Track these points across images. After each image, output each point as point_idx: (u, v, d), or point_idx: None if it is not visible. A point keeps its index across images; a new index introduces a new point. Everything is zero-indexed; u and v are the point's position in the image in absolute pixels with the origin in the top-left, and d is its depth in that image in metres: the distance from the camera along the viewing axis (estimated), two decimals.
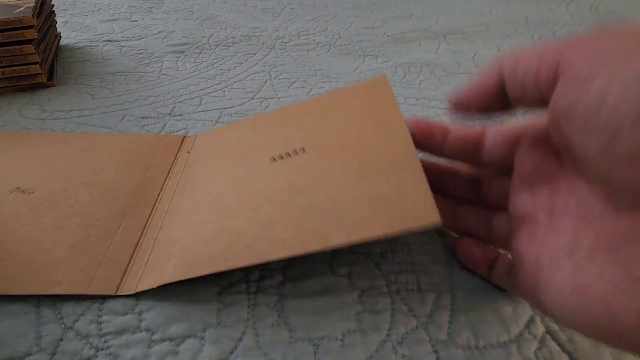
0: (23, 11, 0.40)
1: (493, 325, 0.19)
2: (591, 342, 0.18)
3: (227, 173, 0.24)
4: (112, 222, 0.23)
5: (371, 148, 0.20)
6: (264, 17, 0.59)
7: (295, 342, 0.18)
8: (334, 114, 0.24)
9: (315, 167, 0.21)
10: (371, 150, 0.20)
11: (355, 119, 0.22)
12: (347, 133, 0.22)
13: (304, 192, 0.20)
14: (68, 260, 0.21)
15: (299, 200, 0.20)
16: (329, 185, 0.20)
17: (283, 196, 0.21)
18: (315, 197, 0.20)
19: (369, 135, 0.21)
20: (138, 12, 0.60)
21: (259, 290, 0.20)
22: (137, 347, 0.18)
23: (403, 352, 0.18)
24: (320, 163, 0.21)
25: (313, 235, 0.18)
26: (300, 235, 0.18)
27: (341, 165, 0.20)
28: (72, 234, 0.22)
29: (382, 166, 0.19)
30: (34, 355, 0.18)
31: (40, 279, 0.20)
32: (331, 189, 0.19)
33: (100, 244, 0.22)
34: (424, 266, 0.21)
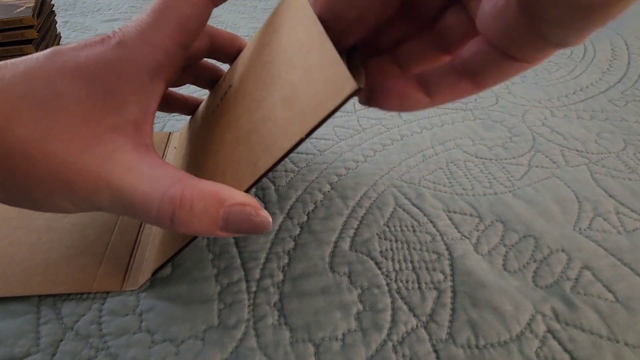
0: (23, 11, 0.40)
1: (494, 324, 0.19)
2: (592, 342, 0.18)
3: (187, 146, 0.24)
4: (108, 221, 0.23)
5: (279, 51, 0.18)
6: (264, 17, 0.59)
7: (296, 342, 0.18)
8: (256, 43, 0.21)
9: (236, 99, 0.19)
10: (280, 53, 0.17)
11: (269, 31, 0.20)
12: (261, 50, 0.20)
13: (230, 128, 0.19)
14: (68, 260, 0.21)
15: (227, 137, 0.18)
16: (245, 111, 0.18)
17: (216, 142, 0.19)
18: (238, 128, 0.18)
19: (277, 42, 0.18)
20: (138, 12, 0.60)
21: (259, 290, 0.20)
22: (137, 347, 0.18)
23: (403, 352, 0.18)
24: (240, 92, 0.19)
25: (244, 169, 0.16)
26: (235, 175, 0.17)
27: (257, 84, 0.18)
28: (68, 234, 0.22)
29: (288, 60, 0.16)
30: (34, 356, 0.18)
31: (41, 279, 0.20)
32: (247, 113, 0.18)
33: (98, 242, 0.22)
34: (425, 265, 0.21)
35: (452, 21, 0.16)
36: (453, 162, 0.28)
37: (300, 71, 0.15)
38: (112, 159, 0.15)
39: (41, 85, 0.14)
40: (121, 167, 0.15)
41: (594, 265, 0.21)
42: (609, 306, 0.19)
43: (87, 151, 0.14)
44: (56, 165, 0.14)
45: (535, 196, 0.25)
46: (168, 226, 0.15)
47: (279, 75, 0.17)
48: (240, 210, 0.15)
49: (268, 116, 0.16)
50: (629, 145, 0.30)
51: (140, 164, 0.15)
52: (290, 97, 0.15)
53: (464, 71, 0.15)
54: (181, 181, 0.15)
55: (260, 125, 0.16)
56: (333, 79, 0.13)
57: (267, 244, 0.23)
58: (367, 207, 0.25)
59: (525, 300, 0.19)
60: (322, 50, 0.14)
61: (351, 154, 0.29)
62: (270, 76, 0.17)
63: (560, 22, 0.11)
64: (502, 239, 0.23)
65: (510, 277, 0.21)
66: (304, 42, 0.16)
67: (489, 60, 0.14)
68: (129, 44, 0.15)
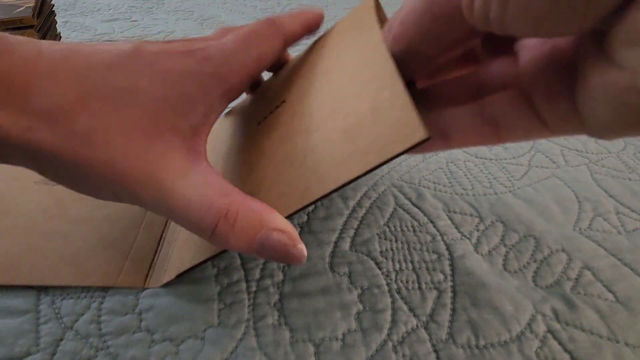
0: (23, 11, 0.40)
1: (494, 324, 0.19)
2: (592, 342, 0.18)
3: (226, 152, 0.24)
4: (137, 215, 0.24)
5: (345, 77, 0.17)
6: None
7: (296, 342, 0.18)
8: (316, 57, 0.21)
9: (292, 115, 0.19)
10: (345, 79, 0.17)
11: (332, 53, 0.19)
12: (323, 70, 0.19)
13: (281, 145, 0.18)
14: (96, 252, 0.21)
15: (279, 153, 0.18)
16: (303, 131, 0.17)
17: (265, 156, 0.19)
18: (293, 147, 0.17)
19: (342, 66, 0.18)
20: (138, 12, 0.60)
21: (259, 290, 0.20)
22: (137, 347, 0.18)
23: (404, 352, 0.18)
24: (297, 109, 0.19)
25: (292, 192, 0.16)
26: (281, 196, 0.16)
27: (317, 105, 0.17)
28: (98, 227, 0.23)
29: (355, 90, 0.16)
30: (34, 355, 0.18)
31: (70, 270, 0.20)
32: (305, 134, 0.17)
33: (126, 238, 0.22)
34: (425, 265, 0.21)
35: (496, 67, 0.16)
36: (453, 162, 0.28)
37: (368, 106, 0.14)
38: (167, 158, 0.15)
39: (120, 79, 0.15)
40: (174, 169, 0.15)
41: (594, 265, 0.21)
42: (609, 306, 0.19)
43: (147, 147, 0.15)
44: (116, 156, 0.14)
45: (536, 196, 0.25)
46: (207, 237, 0.15)
47: (344, 102, 0.16)
48: (278, 238, 0.15)
49: (327, 143, 0.15)
50: (629, 145, 0.30)
51: (192, 170, 0.15)
52: (354, 130, 0.14)
53: (490, 118, 0.15)
54: (229, 195, 0.15)
55: (318, 150, 0.16)
56: (404, 123, 0.13)
57: None
58: (367, 207, 0.25)
59: (526, 300, 0.19)
60: (394, 90, 0.14)
61: None
62: (334, 101, 0.16)
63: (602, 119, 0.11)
64: (502, 239, 0.23)
65: (510, 277, 0.21)
66: (375, 76, 0.15)
67: (519, 115, 0.14)
68: (213, 62, 0.17)
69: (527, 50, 0.14)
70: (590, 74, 0.11)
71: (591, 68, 0.11)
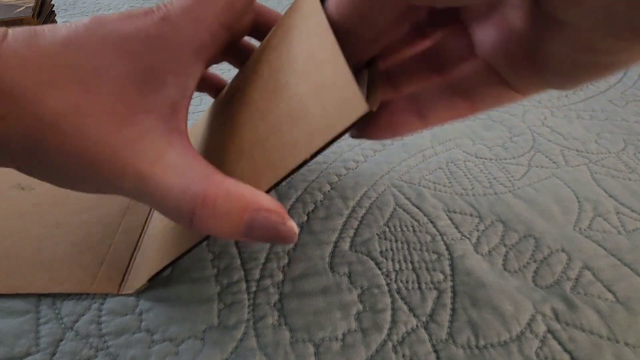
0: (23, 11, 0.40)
1: (494, 324, 0.19)
2: (592, 342, 0.18)
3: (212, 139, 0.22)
4: (113, 220, 0.23)
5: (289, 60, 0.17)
6: None
7: (296, 343, 0.18)
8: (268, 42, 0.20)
9: (244, 103, 0.18)
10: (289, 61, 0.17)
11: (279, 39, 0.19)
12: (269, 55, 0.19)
13: (233, 137, 0.18)
14: (72, 258, 0.21)
15: (232, 146, 0.18)
16: (251, 120, 0.17)
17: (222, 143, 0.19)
18: (241, 138, 0.17)
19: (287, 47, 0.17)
20: None
21: (259, 290, 0.20)
22: (137, 347, 0.18)
23: (403, 352, 0.18)
24: (247, 97, 0.18)
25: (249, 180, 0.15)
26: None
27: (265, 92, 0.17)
28: (75, 231, 0.23)
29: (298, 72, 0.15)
30: (34, 356, 0.18)
31: (45, 276, 0.20)
32: (254, 122, 0.17)
33: (103, 242, 0.22)
34: (425, 265, 0.21)
35: (451, 41, 0.16)
36: (453, 162, 0.28)
37: (311, 86, 0.14)
38: (142, 142, 0.14)
39: (81, 57, 0.14)
40: (150, 153, 0.14)
41: (594, 265, 0.21)
42: (609, 306, 0.19)
43: (119, 132, 0.14)
44: (87, 143, 0.13)
45: (535, 196, 0.25)
46: (187, 224, 0.14)
47: (287, 86, 0.16)
48: (266, 217, 0.14)
49: (273, 131, 0.15)
50: (629, 145, 0.30)
51: (169, 151, 0.14)
52: (298, 114, 0.14)
53: (460, 91, 0.15)
54: (207, 177, 0.14)
55: (264, 139, 0.15)
56: (344, 99, 0.12)
57: (267, 244, 0.23)
58: (367, 207, 0.25)
59: (526, 300, 0.19)
60: (335, 66, 0.13)
61: (351, 154, 0.29)
62: (277, 86, 0.16)
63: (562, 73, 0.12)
64: (502, 239, 0.23)
65: (510, 277, 0.21)
66: (315, 53, 0.15)
67: (486, 83, 0.14)
68: (174, 20, 0.15)
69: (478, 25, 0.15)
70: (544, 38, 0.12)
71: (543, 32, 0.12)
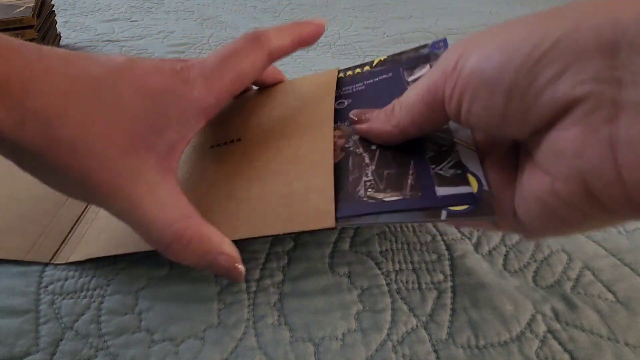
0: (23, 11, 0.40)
1: (494, 324, 0.19)
2: (592, 342, 0.18)
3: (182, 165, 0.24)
4: (60, 197, 0.25)
5: (296, 145, 0.20)
6: (264, 17, 0.59)
7: (296, 342, 0.18)
8: (276, 105, 0.23)
9: (243, 157, 0.21)
10: (295, 148, 0.20)
11: (292, 113, 0.22)
12: (281, 126, 0.22)
13: (227, 180, 0.21)
14: (16, 228, 0.23)
15: (222, 186, 0.20)
16: (249, 176, 0.20)
17: (209, 181, 0.21)
18: (235, 187, 0.20)
19: (297, 131, 0.21)
20: (138, 12, 0.60)
21: (259, 290, 0.20)
22: (137, 347, 0.18)
23: (403, 352, 0.18)
24: (249, 154, 0.21)
25: (225, 224, 0.19)
26: (213, 223, 0.18)
27: (266, 158, 0.21)
28: (23, 206, 0.24)
29: (298, 165, 0.19)
30: (34, 355, 0.18)
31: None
32: (250, 179, 0.20)
33: (48, 215, 0.24)
34: (425, 265, 0.21)
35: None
36: None
37: (304, 185, 0.18)
38: (140, 173, 0.16)
39: (107, 93, 0.16)
40: (144, 184, 0.16)
41: (594, 266, 0.21)
42: (609, 306, 0.19)
43: (122, 160, 0.16)
44: (92, 164, 0.15)
45: None
46: (161, 250, 0.17)
47: (287, 171, 0.19)
48: (225, 260, 0.17)
49: (262, 198, 0.19)
50: None
51: (161, 187, 0.17)
52: (287, 199, 0.18)
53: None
54: (188, 218, 0.17)
55: (253, 201, 0.19)
56: (322, 210, 0.17)
57: (267, 244, 0.23)
58: None
59: (526, 300, 0.19)
60: (325, 181, 0.18)
61: None
62: (278, 164, 0.20)
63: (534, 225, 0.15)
64: (502, 239, 0.22)
65: (510, 277, 0.21)
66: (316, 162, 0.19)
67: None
68: (191, 84, 0.18)
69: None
70: (523, 176, 0.15)
71: (524, 171, 0.15)
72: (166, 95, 0.17)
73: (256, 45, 0.19)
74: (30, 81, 0.14)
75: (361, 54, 0.46)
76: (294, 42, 0.21)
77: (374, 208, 0.17)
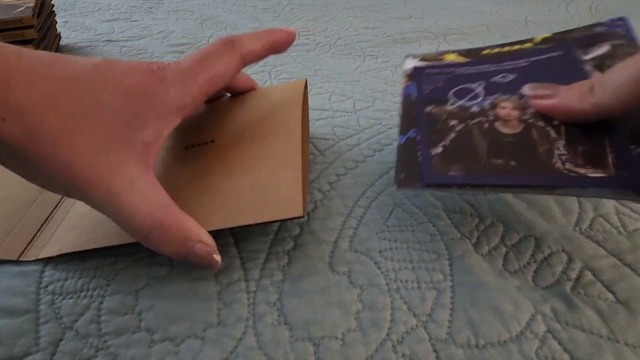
0: (23, 11, 0.40)
1: (493, 324, 0.19)
2: (592, 342, 0.18)
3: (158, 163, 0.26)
4: (29, 197, 0.25)
5: (266, 144, 0.22)
6: (264, 17, 0.59)
7: (296, 342, 0.18)
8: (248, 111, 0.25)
9: (217, 156, 0.23)
10: (266, 147, 0.22)
11: (263, 118, 0.24)
12: (252, 129, 0.24)
13: (202, 177, 0.22)
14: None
15: (197, 183, 0.22)
16: (223, 172, 0.22)
17: (184, 179, 0.22)
18: (208, 182, 0.21)
19: (268, 133, 0.23)
20: (138, 12, 0.60)
21: (259, 289, 0.20)
22: (137, 347, 0.18)
23: (403, 351, 0.18)
24: (222, 153, 0.23)
25: (199, 217, 0.19)
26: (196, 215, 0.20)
27: (238, 157, 0.22)
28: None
29: (269, 161, 0.21)
30: (34, 355, 0.18)
31: None
32: (223, 175, 0.21)
33: (15, 216, 0.24)
34: (424, 264, 0.21)
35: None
36: None
37: (274, 177, 0.20)
38: (120, 168, 0.17)
39: (87, 91, 0.17)
40: (123, 178, 0.17)
41: (594, 266, 0.21)
42: (609, 306, 0.19)
43: (103, 155, 0.17)
44: (74, 157, 0.16)
45: (536, 196, 0.25)
46: (140, 239, 0.18)
47: (259, 161, 0.21)
48: (203, 249, 0.18)
49: (237, 191, 0.20)
50: None
51: (140, 180, 0.17)
52: (260, 191, 0.20)
53: None
54: (167, 207, 0.18)
55: (228, 193, 0.20)
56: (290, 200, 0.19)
57: (267, 244, 0.23)
58: (367, 207, 0.25)
59: (525, 300, 0.19)
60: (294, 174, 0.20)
61: (351, 154, 0.29)
62: (250, 160, 0.22)
63: None
64: (502, 239, 0.22)
65: (510, 277, 0.21)
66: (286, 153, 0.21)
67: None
68: (167, 84, 0.18)
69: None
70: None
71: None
72: (144, 94, 0.18)
73: (230, 49, 0.20)
74: (11, 79, 0.15)
75: (361, 54, 0.46)
76: (265, 48, 0.22)
77: (579, 183, 0.17)
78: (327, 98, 0.36)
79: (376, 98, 0.36)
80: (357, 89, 0.38)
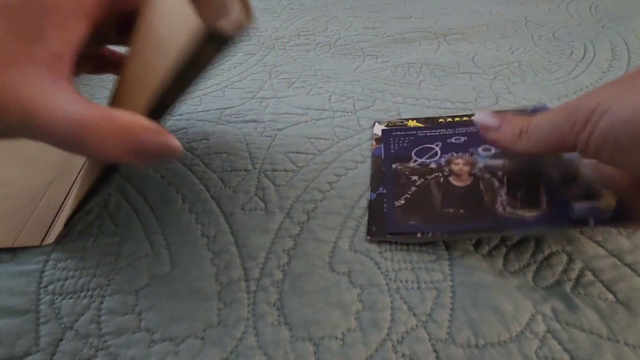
0: None
1: (493, 324, 0.19)
2: (592, 342, 0.18)
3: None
4: (38, 191, 0.26)
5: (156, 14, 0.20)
6: (264, 17, 0.59)
7: (296, 342, 0.18)
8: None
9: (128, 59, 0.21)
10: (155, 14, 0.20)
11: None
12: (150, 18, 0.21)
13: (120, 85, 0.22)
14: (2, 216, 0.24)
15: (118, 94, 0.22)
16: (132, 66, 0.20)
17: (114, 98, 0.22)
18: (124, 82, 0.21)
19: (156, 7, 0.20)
20: None
21: (259, 289, 0.20)
22: (137, 347, 0.18)
23: (403, 351, 0.18)
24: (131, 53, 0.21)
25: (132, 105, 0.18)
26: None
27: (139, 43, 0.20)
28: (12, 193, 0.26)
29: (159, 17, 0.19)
30: (34, 355, 0.18)
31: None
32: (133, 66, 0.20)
33: (27, 209, 0.25)
34: (424, 264, 0.21)
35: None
36: None
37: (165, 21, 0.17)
38: (26, 83, 0.15)
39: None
40: (35, 92, 0.15)
41: (594, 266, 0.21)
42: (609, 306, 0.19)
43: (4, 74, 0.15)
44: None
45: None
46: (77, 150, 0.16)
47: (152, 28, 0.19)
48: (153, 137, 0.16)
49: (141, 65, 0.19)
50: None
51: (54, 91, 0.16)
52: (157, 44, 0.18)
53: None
54: (89, 106, 0.16)
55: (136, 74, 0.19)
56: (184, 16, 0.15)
57: (267, 244, 0.23)
58: (366, 207, 0.25)
59: (525, 300, 0.19)
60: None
61: (351, 154, 0.29)
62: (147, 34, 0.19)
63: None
64: (502, 239, 0.22)
65: (510, 277, 0.21)
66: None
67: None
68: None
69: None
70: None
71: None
72: (29, 3, 0.16)
73: None
74: None
75: (361, 54, 0.46)
76: None
77: (516, 223, 0.21)
78: (327, 98, 0.36)
79: (376, 98, 0.36)
80: (357, 89, 0.38)
